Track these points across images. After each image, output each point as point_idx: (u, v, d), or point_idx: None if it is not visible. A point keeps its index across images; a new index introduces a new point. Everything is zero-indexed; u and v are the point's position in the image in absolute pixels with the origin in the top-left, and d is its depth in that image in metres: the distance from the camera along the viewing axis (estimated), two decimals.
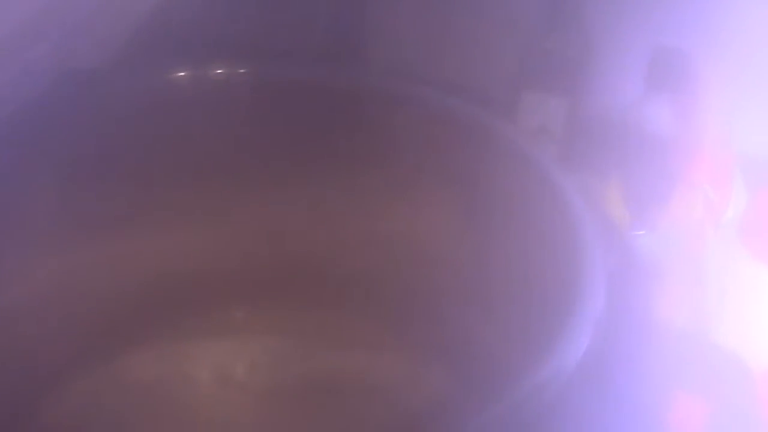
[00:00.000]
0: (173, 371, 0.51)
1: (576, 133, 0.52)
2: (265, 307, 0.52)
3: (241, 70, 0.51)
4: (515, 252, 0.45)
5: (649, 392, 0.41)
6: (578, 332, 0.39)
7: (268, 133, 0.50)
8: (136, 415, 0.49)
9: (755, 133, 0.50)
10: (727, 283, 0.48)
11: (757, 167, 0.51)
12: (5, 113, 0.46)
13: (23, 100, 0.46)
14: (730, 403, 0.44)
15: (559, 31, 0.53)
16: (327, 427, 0.48)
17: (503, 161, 0.47)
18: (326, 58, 0.53)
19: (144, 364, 0.50)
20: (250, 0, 0.52)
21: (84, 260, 0.50)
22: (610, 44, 0.52)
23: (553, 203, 0.44)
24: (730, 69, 0.50)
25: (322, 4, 0.54)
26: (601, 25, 0.52)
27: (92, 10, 0.49)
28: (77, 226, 0.50)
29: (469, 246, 0.48)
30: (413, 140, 0.49)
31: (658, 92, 0.53)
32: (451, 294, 0.49)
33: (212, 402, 0.50)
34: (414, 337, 0.50)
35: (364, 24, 0.55)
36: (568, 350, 0.39)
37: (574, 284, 0.41)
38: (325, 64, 0.52)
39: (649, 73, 0.51)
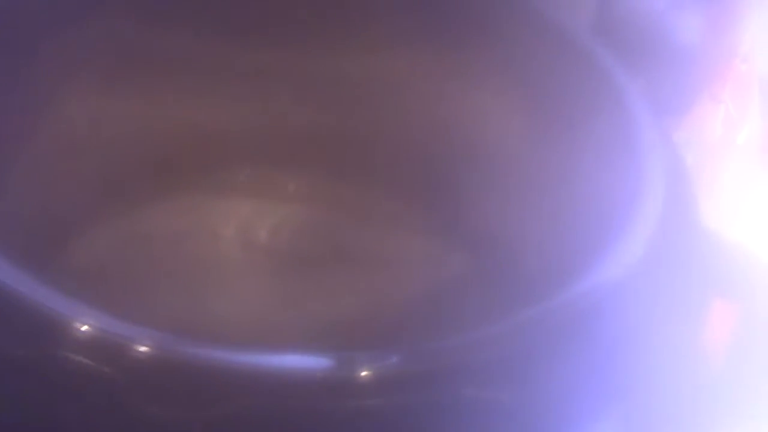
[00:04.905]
0: (197, 227, 0.50)
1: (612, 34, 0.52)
2: (294, 173, 0.52)
3: None
4: (571, 149, 0.45)
5: (692, 299, 0.40)
6: (636, 237, 0.38)
7: None
8: (157, 268, 0.48)
9: None
10: (743, 196, 0.50)
11: None
12: None
13: None
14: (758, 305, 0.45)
15: None
16: (343, 297, 0.48)
17: (561, 55, 0.46)
18: None
19: (169, 218, 0.50)
20: None
21: (115, 109, 0.49)
22: None
23: (613, 102, 0.44)
24: None
25: None
26: None
27: None
28: (112, 70, 0.49)
29: (520, 138, 0.48)
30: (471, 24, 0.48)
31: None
32: (494, 185, 0.48)
33: (232, 260, 0.50)
34: (446, 221, 0.50)
35: None
36: (622, 257, 0.37)
37: (635, 188, 0.40)
38: None
39: None
